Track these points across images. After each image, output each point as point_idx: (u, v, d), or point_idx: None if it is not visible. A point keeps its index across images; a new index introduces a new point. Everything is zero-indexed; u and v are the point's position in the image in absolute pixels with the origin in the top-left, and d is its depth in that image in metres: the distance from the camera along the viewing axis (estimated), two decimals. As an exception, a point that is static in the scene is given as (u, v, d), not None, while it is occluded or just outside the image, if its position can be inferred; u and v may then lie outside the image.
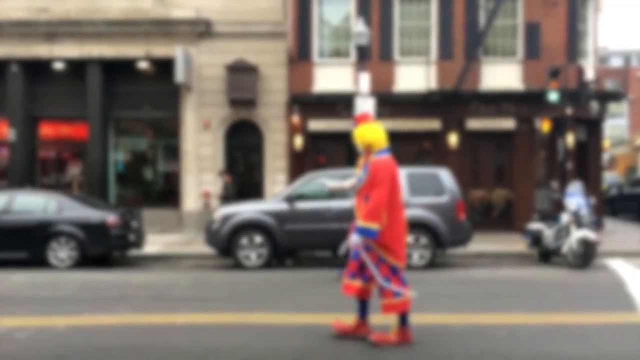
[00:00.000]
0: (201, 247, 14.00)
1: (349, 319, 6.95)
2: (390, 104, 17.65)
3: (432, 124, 17.97)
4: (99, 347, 5.70)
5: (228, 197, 16.11)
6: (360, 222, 5.62)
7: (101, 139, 18.26)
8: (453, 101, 17.66)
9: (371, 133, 5.78)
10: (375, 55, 17.81)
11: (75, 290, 9.13)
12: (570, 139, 17.71)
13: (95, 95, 18.12)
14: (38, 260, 12.07)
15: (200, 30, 18.02)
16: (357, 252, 5.78)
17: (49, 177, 19.21)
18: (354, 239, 5.64)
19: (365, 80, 14.67)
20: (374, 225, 5.53)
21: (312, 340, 5.97)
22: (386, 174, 5.62)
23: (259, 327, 6.53)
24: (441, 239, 11.72)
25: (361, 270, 5.82)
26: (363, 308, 5.96)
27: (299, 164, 17.88)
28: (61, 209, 12.41)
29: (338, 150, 18.45)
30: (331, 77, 18.07)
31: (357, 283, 5.82)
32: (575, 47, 18.02)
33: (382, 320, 5.97)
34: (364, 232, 5.57)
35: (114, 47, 18.01)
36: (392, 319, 5.83)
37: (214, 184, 17.82)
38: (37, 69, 18.48)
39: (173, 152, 18.85)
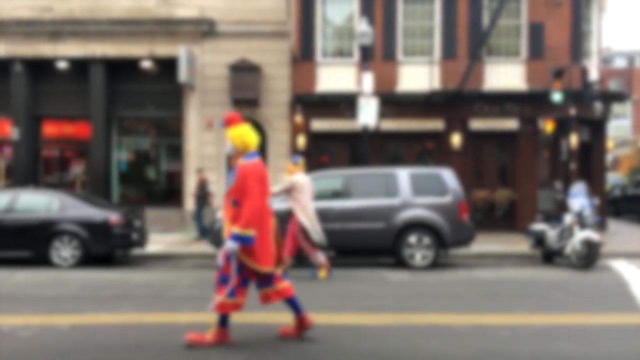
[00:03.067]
0: (204, 246, 14.01)
1: (349, 318, 6.94)
2: (394, 104, 17.64)
3: (435, 124, 17.95)
4: (102, 345, 5.70)
5: (203, 196, 16.16)
6: (235, 229, 5.47)
7: (104, 138, 18.29)
8: (456, 101, 17.64)
9: (247, 135, 5.78)
10: (378, 55, 17.80)
11: (78, 289, 9.14)
12: (573, 140, 17.67)
13: (99, 95, 18.16)
14: (41, 259, 12.09)
15: (204, 29, 18.03)
16: (223, 263, 5.62)
17: (52, 176, 19.25)
18: (230, 245, 5.46)
19: (368, 80, 14.66)
20: (250, 232, 5.46)
21: (313, 339, 5.96)
22: (256, 179, 5.58)
23: (260, 326, 6.53)
24: (444, 239, 11.70)
25: (247, 279, 5.74)
26: (294, 305, 5.89)
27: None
28: (64, 208, 12.43)
29: (341, 150, 18.45)
30: (334, 76, 18.06)
31: (269, 290, 5.79)
32: (579, 47, 17.98)
33: (210, 317, 5.85)
34: (241, 239, 5.45)
35: (118, 46, 18.04)
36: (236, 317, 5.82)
37: (217, 183, 17.82)
38: (40, 68, 18.51)
39: (176, 151, 18.87)
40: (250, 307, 7.53)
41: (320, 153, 18.50)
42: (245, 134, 5.79)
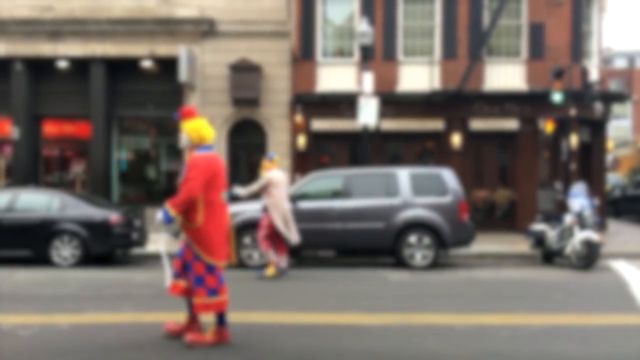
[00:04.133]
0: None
1: (349, 318, 6.95)
2: (394, 104, 17.64)
3: (436, 124, 17.95)
4: (102, 345, 5.70)
5: None
6: (167, 205, 5.58)
7: (104, 137, 18.29)
8: (456, 101, 17.65)
9: (203, 129, 5.79)
10: (378, 55, 17.80)
11: (78, 289, 9.14)
12: (574, 140, 17.67)
13: (99, 94, 18.15)
14: (41, 259, 12.09)
15: (204, 29, 18.03)
16: (181, 250, 5.75)
17: (52, 176, 19.25)
18: (158, 216, 5.63)
19: (368, 80, 14.66)
20: (172, 212, 5.54)
21: (314, 339, 5.97)
22: (202, 170, 5.59)
23: (261, 326, 6.53)
24: (444, 239, 11.70)
25: (184, 270, 5.76)
26: (191, 307, 5.88)
27: (302, 164, 17.89)
28: (64, 207, 12.43)
29: (341, 149, 18.46)
30: (334, 76, 18.07)
31: (182, 283, 5.79)
32: (579, 47, 17.98)
33: (209, 318, 5.86)
34: (165, 213, 5.57)
35: (118, 46, 18.04)
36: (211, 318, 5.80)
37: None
38: (41, 67, 18.51)
39: (176, 151, 18.85)
40: (249, 307, 7.53)
41: (320, 153, 18.50)
42: (202, 128, 5.81)
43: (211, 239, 5.62)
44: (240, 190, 10.64)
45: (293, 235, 10.45)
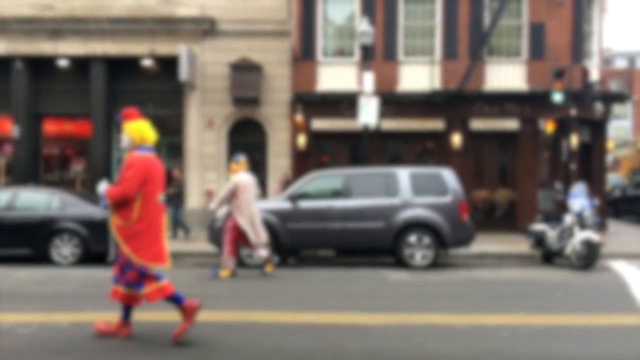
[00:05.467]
0: (203, 245, 14.01)
1: (349, 317, 6.95)
2: (394, 103, 17.64)
3: (436, 124, 17.95)
4: (102, 343, 5.70)
5: (179, 194, 16.22)
6: (107, 190, 5.65)
7: (105, 136, 18.29)
8: (457, 101, 17.64)
9: (145, 130, 5.82)
10: (379, 55, 17.80)
11: (78, 287, 9.14)
12: (574, 140, 17.67)
13: (99, 93, 18.16)
14: (41, 257, 12.09)
15: (205, 28, 18.03)
16: (119, 256, 5.77)
17: (52, 174, 19.25)
18: (100, 187, 5.75)
19: (369, 80, 14.66)
20: (109, 199, 5.62)
21: (315, 339, 5.97)
22: (139, 170, 5.61)
23: (261, 325, 6.53)
24: (444, 239, 11.70)
25: (122, 275, 5.76)
26: (126, 310, 5.90)
27: (302, 163, 17.88)
28: (64, 206, 12.43)
29: (341, 149, 18.45)
30: (335, 76, 18.06)
31: (121, 289, 5.80)
32: (580, 47, 17.98)
33: (178, 317, 5.89)
34: (102, 196, 5.68)
35: (118, 44, 18.04)
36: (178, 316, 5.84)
37: (218, 182, 17.84)
38: (41, 66, 18.51)
39: (176, 150, 18.87)
40: (249, 306, 7.54)
41: (320, 152, 18.50)
42: (144, 129, 5.84)
43: (141, 239, 5.61)
44: (213, 205, 10.57)
45: (261, 236, 10.31)
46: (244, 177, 10.30)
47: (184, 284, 9.52)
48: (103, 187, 5.75)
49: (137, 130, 5.81)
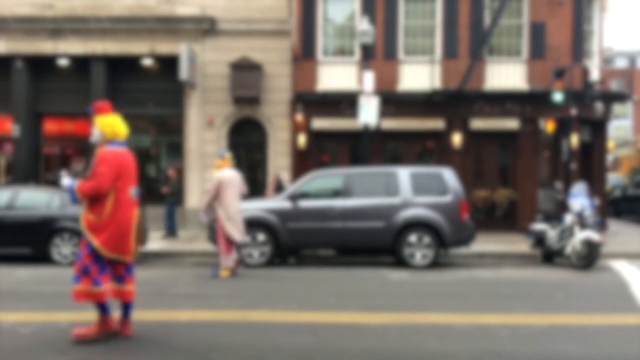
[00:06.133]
0: (204, 244, 14.02)
1: (349, 317, 6.95)
2: (395, 103, 17.64)
3: (436, 124, 17.95)
4: (102, 343, 5.70)
5: (174, 193, 16.26)
6: (77, 186, 5.64)
7: (105, 135, 18.26)
8: (457, 101, 17.63)
9: (117, 125, 5.82)
10: (379, 54, 17.79)
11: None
12: (574, 140, 17.67)
13: (100, 92, 18.14)
14: (41, 257, 12.09)
15: (205, 28, 18.03)
16: (81, 254, 5.75)
17: (53, 174, 19.24)
18: (64, 181, 5.81)
19: (369, 79, 14.65)
20: (79, 195, 5.61)
21: (315, 338, 5.97)
22: (111, 165, 5.61)
23: (262, 325, 6.53)
24: (444, 239, 11.70)
25: (113, 272, 5.79)
26: (127, 309, 5.91)
27: (302, 163, 17.88)
28: (65, 205, 12.42)
29: (342, 149, 18.45)
30: (335, 75, 18.05)
31: (114, 286, 5.81)
32: (580, 47, 17.96)
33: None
34: (72, 190, 5.67)
35: (119, 44, 18.04)
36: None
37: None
38: (42, 65, 18.51)
39: (177, 149, 18.87)
40: (250, 306, 7.53)
41: (321, 152, 18.50)
42: (116, 124, 5.84)
43: (110, 233, 5.61)
44: (203, 216, 10.56)
45: (237, 235, 10.26)
46: (228, 174, 10.28)
47: (184, 283, 9.54)
48: (68, 181, 5.75)
49: (109, 124, 5.79)
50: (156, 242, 14.99)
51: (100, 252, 5.61)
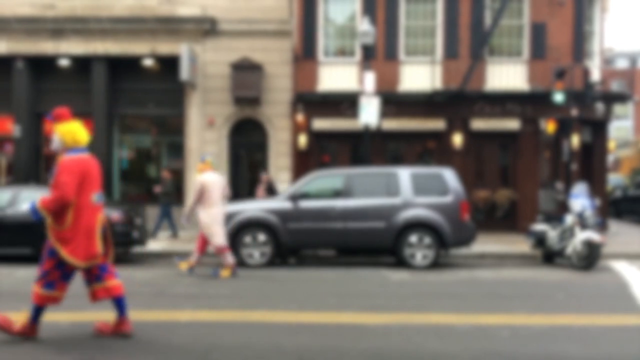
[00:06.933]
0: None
1: (349, 317, 6.95)
2: (395, 103, 17.63)
3: (437, 124, 17.94)
4: (102, 343, 5.71)
5: (166, 193, 16.29)
6: (38, 202, 5.60)
7: (106, 135, 18.29)
8: (458, 101, 17.63)
9: (78, 132, 5.75)
10: (380, 55, 17.79)
11: (78, 287, 9.09)
12: (575, 140, 17.66)
13: (100, 92, 18.16)
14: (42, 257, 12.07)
15: (206, 28, 18.03)
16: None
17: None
18: (25, 207, 5.76)
19: (370, 80, 14.65)
20: (44, 213, 5.59)
21: (315, 338, 5.97)
22: (73, 173, 5.54)
23: (262, 325, 6.53)
24: (445, 239, 11.70)
25: (90, 272, 5.79)
26: (119, 305, 5.88)
27: (303, 163, 17.88)
28: (65, 205, 12.40)
29: (342, 149, 18.44)
30: (336, 76, 18.05)
31: (97, 286, 5.81)
32: (581, 47, 17.96)
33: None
34: (34, 210, 5.63)
35: (120, 44, 18.04)
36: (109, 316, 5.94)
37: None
38: (42, 65, 18.52)
39: (177, 149, 18.87)
40: (250, 306, 7.52)
41: (321, 152, 18.50)
42: (77, 131, 5.76)
43: (77, 242, 5.59)
44: (184, 219, 10.79)
45: (217, 238, 10.31)
46: (210, 177, 10.37)
47: (184, 283, 9.54)
48: (29, 205, 5.71)
49: (69, 132, 5.72)
50: (156, 242, 15.00)
51: (72, 263, 5.59)
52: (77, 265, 5.64)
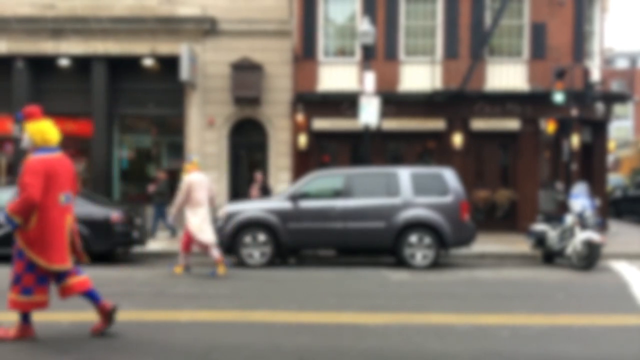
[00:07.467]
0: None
1: (349, 317, 6.95)
2: (395, 103, 17.63)
3: (437, 124, 17.94)
4: (102, 343, 5.71)
5: (160, 193, 16.32)
6: (8, 210, 5.51)
7: (106, 135, 18.29)
8: (458, 101, 17.63)
9: (48, 132, 5.70)
10: (380, 55, 17.79)
11: (78, 287, 9.12)
12: (575, 140, 17.66)
13: (101, 92, 18.16)
14: (42, 256, 12.07)
15: (206, 28, 18.03)
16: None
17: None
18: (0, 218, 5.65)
19: (370, 80, 14.65)
20: (16, 219, 5.48)
21: (315, 338, 5.97)
22: (37, 174, 5.46)
23: (262, 325, 6.53)
24: (445, 239, 11.70)
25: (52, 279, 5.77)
26: (92, 296, 5.87)
27: (303, 163, 17.88)
28: (65, 205, 12.41)
29: (342, 149, 18.44)
30: (336, 76, 18.05)
31: (64, 284, 5.79)
32: (581, 47, 17.96)
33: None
34: (7, 219, 5.53)
35: (120, 44, 18.04)
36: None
37: (219, 181, 17.84)
38: (42, 65, 18.51)
39: (177, 149, 18.87)
40: (250, 306, 7.52)
41: (321, 152, 18.50)
42: (47, 130, 5.71)
43: (44, 243, 5.53)
44: (171, 218, 11.05)
45: (206, 236, 10.36)
46: (196, 177, 10.47)
47: (184, 283, 9.54)
48: (1, 216, 5.66)
49: (39, 131, 5.66)
50: (156, 242, 15.01)
51: (42, 265, 5.55)
52: (47, 268, 5.59)
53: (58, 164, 5.69)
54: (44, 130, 5.70)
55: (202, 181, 10.51)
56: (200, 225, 10.33)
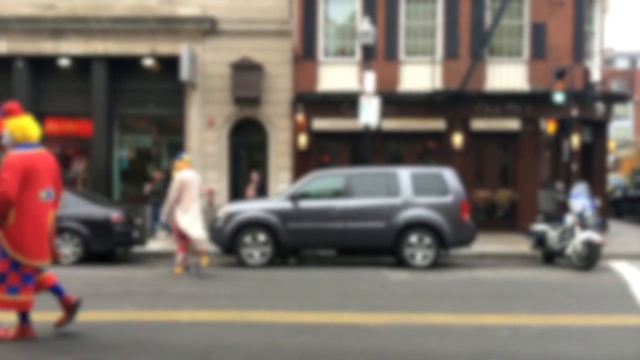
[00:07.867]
0: (204, 244, 13.99)
1: (349, 317, 6.95)
2: (395, 103, 17.63)
3: (437, 124, 17.94)
4: (102, 343, 5.70)
5: (156, 193, 16.35)
6: None
7: (106, 135, 18.30)
8: (458, 101, 17.63)
9: (29, 128, 5.68)
10: (380, 55, 17.79)
11: (78, 287, 9.12)
12: (575, 140, 17.66)
13: (101, 92, 18.16)
14: (42, 256, 12.08)
15: (206, 28, 18.03)
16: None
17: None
18: None
19: (370, 80, 14.65)
20: None
21: (315, 338, 5.97)
22: (15, 170, 5.43)
23: (262, 325, 6.53)
24: (445, 239, 11.70)
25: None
26: (57, 291, 5.84)
27: (303, 163, 17.88)
28: (65, 205, 12.30)
29: (342, 149, 18.44)
30: (336, 76, 18.05)
31: (32, 297, 5.76)
32: (581, 48, 17.96)
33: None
34: None
35: (120, 44, 18.04)
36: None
37: (219, 181, 17.85)
38: (42, 65, 18.52)
39: (177, 149, 18.85)
40: (250, 306, 7.52)
41: (321, 152, 18.50)
42: (27, 126, 5.69)
43: (23, 239, 5.51)
44: (163, 217, 10.94)
45: (195, 231, 10.34)
46: (187, 175, 10.48)
47: (184, 283, 9.54)
48: None
49: (19, 127, 5.65)
50: (156, 242, 15.00)
51: (22, 261, 5.53)
52: (28, 263, 5.56)
53: (39, 159, 5.68)
54: (24, 126, 5.68)
55: (194, 179, 10.53)
56: (192, 222, 10.31)
